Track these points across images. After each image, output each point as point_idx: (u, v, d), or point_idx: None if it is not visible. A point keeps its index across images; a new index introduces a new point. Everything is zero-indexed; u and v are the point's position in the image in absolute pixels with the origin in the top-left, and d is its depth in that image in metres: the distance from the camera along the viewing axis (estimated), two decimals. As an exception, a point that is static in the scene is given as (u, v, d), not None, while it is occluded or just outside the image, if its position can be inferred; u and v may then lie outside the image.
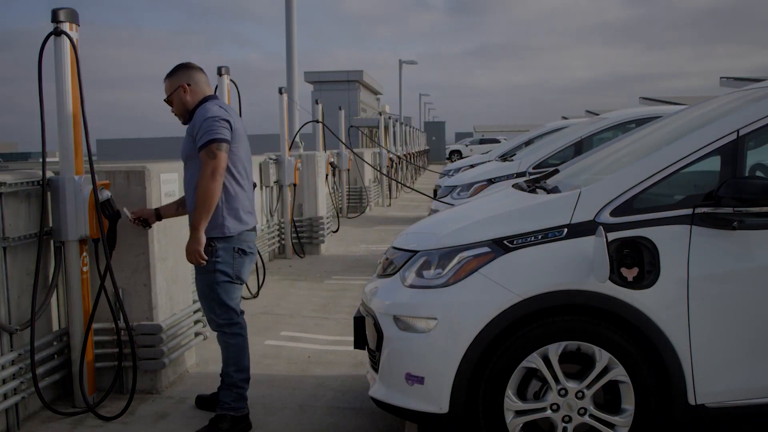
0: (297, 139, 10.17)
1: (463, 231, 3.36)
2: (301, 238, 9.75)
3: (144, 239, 4.28)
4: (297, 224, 9.71)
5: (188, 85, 3.85)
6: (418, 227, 4.00)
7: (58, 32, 3.85)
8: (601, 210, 3.13)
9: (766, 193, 2.99)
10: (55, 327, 4.20)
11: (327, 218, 10.30)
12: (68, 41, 3.88)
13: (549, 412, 3.12)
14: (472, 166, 11.62)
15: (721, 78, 16.95)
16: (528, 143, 11.97)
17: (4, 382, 3.67)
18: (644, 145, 3.86)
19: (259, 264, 7.34)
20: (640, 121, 8.01)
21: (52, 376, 4.05)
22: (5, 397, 3.69)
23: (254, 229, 3.90)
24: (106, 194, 4.01)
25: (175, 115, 3.92)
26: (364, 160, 13.34)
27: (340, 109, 14.31)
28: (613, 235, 3.06)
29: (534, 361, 3.10)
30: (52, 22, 3.86)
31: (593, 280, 3.04)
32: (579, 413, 3.12)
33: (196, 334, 4.91)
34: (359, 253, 10.04)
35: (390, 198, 18.03)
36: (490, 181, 8.83)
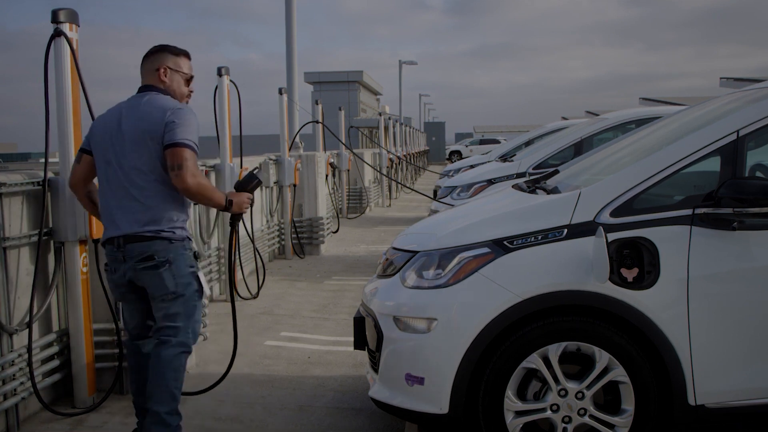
0: (297, 139, 10.17)
1: (463, 231, 3.36)
2: (301, 238, 9.75)
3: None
4: (297, 225, 9.71)
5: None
6: (418, 228, 4.00)
7: (58, 33, 3.85)
8: (601, 210, 3.13)
9: (765, 194, 2.99)
10: (55, 327, 4.20)
11: (327, 219, 10.30)
12: (68, 42, 3.88)
13: (549, 412, 3.12)
14: (472, 167, 11.61)
15: (721, 78, 16.96)
16: (528, 144, 11.97)
17: (4, 382, 3.67)
18: (644, 145, 3.86)
19: (259, 264, 7.35)
20: (640, 122, 8.01)
21: (52, 376, 4.05)
22: (5, 397, 3.69)
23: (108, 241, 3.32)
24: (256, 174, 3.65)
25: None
26: (364, 161, 13.34)
27: (340, 109, 14.31)
28: (613, 236, 3.06)
29: (534, 361, 3.10)
30: (52, 22, 3.87)
31: (593, 280, 3.04)
32: (579, 414, 3.12)
33: (196, 335, 4.91)
34: (359, 253, 10.04)
35: (390, 198, 18.03)
36: (490, 182, 8.83)
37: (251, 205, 3.52)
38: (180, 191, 3.23)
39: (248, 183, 3.48)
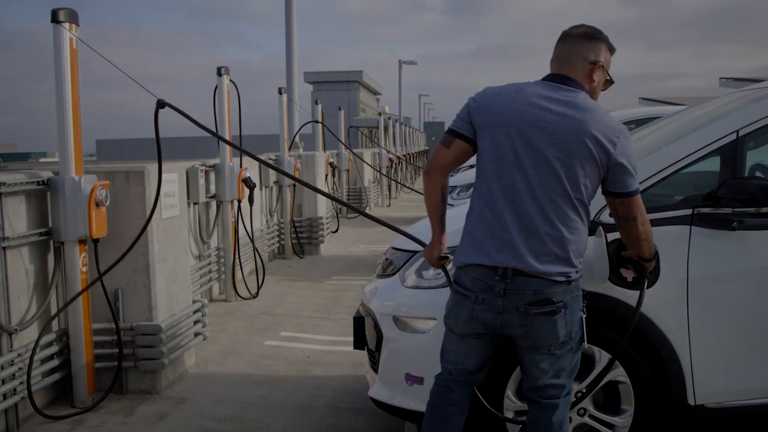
0: (297, 139, 10.17)
1: (462, 231, 3.35)
2: (301, 238, 9.75)
3: (144, 240, 4.27)
4: (296, 224, 9.71)
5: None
6: (418, 227, 3.99)
7: (58, 31, 3.85)
8: (601, 210, 3.13)
9: (765, 194, 2.99)
10: (55, 327, 4.19)
11: (326, 218, 10.30)
12: (68, 41, 3.88)
13: (549, 412, 3.11)
14: (471, 167, 11.59)
15: (720, 78, 16.93)
16: (528, 144, 11.95)
17: (4, 382, 3.67)
18: (644, 145, 3.86)
19: (259, 264, 7.35)
20: (640, 122, 8.00)
21: (52, 376, 4.04)
22: (5, 397, 3.68)
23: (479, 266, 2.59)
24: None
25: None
26: (363, 161, 13.34)
27: (339, 109, 14.30)
28: (613, 236, 3.05)
29: (534, 361, 3.09)
30: (51, 22, 3.86)
31: (593, 280, 3.03)
32: (578, 414, 3.11)
33: (196, 335, 4.91)
34: (359, 253, 10.04)
35: (390, 198, 18.03)
36: (490, 182, 8.81)
37: None
38: (626, 236, 2.75)
39: None
